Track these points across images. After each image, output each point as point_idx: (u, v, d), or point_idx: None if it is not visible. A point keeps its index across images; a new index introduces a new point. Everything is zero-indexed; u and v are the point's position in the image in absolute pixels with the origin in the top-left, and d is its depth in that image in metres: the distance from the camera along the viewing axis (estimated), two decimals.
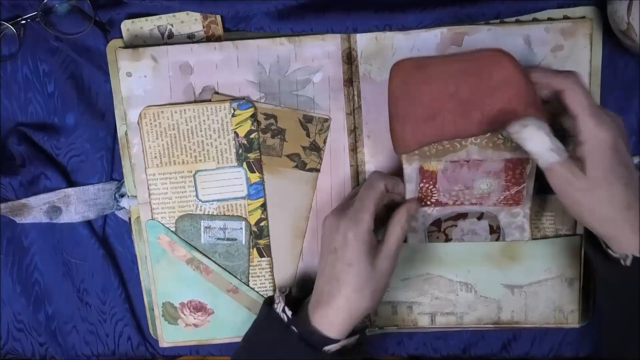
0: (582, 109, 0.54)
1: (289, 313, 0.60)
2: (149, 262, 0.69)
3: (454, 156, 0.60)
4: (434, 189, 0.62)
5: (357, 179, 0.67)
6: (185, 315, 0.70)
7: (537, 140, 0.54)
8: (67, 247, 0.72)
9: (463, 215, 0.63)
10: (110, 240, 0.72)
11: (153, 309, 0.70)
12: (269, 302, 0.63)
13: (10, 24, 0.65)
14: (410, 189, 0.62)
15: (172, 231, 0.67)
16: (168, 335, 0.71)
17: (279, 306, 0.61)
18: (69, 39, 0.66)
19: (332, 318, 0.58)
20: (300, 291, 0.69)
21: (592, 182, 0.53)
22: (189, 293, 0.69)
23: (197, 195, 0.67)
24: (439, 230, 0.64)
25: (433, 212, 0.63)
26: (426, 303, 0.69)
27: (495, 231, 0.64)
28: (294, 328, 0.59)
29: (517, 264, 0.68)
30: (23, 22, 0.65)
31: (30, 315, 0.73)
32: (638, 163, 0.66)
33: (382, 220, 0.61)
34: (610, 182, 0.53)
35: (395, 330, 0.71)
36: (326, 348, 0.58)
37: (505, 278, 0.68)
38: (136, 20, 0.65)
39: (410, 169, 0.61)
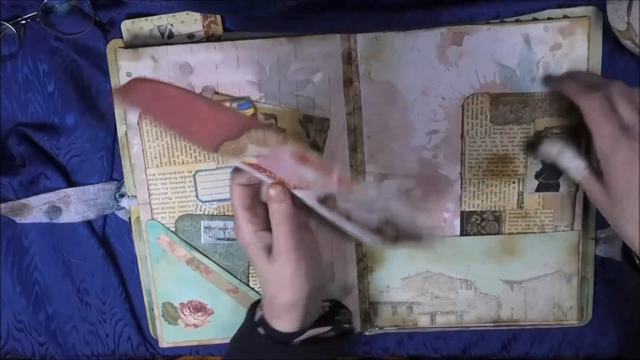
0: (596, 131, 0.55)
1: (259, 314, 0.60)
2: (149, 262, 0.69)
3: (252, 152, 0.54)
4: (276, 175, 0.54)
5: (357, 179, 0.67)
6: (185, 315, 0.70)
7: (557, 160, 0.60)
8: (67, 247, 0.72)
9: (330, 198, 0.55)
10: (110, 240, 0.72)
11: (153, 309, 0.70)
12: (256, 303, 0.63)
13: (10, 24, 0.65)
14: (261, 177, 0.54)
15: (172, 231, 0.67)
16: (168, 336, 0.71)
17: (259, 305, 0.61)
18: (69, 39, 0.66)
19: (270, 313, 0.58)
20: None
21: (613, 198, 0.55)
22: (189, 293, 0.69)
23: (197, 196, 0.67)
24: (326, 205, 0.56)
25: (301, 194, 0.54)
26: (426, 303, 0.69)
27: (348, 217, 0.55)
28: (260, 329, 0.59)
29: (516, 259, 0.68)
30: (23, 22, 0.65)
31: (30, 315, 0.73)
32: None
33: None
34: (630, 198, 0.54)
35: (395, 330, 0.71)
36: (294, 341, 0.58)
37: (505, 274, 0.68)
38: (136, 20, 0.65)
39: (239, 165, 0.55)
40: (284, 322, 0.58)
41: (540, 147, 0.62)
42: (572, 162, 0.60)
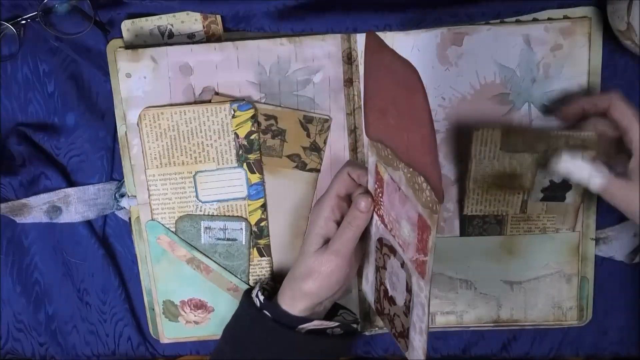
0: (630, 121, 0.56)
1: (261, 298, 0.62)
2: (149, 262, 0.69)
3: (393, 173, 0.53)
4: (381, 200, 0.56)
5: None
6: (185, 312, 0.70)
7: (576, 169, 0.58)
8: (67, 247, 0.72)
9: (394, 252, 0.56)
10: (110, 240, 0.72)
11: (153, 309, 0.70)
12: (249, 291, 0.66)
13: (10, 24, 0.65)
14: (370, 184, 0.58)
15: (172, 231, 0.67)
16: (169, 332, 0.71)
17: (254, 292, 0.64)
18: (69, 39, 0.66)
19: (286, 293, 0.61)
20: None
21: None
22: (189, 291, 0.69)
23: (197, 196, 0.67)
24: (380, 251, 0.58)
25: (380, 226, 0.57)
26: None
27: (409, 291, 0.55)
28: (265, 312, 0.61)
29: (516, 259, 0.68)
30: (23, 22, 0.65)
31: (30, 315, 0.73)
32: None
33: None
34: None
35: None
36: (300, 327, 0.60)
37: (505, 274, 0.69)
38: (136, 20, 0.65)
39: (371, 161, 0.57)
40: (297, 303, 0.60)
41: (554, 161, 0.59)
42: (590, 170, 0.58)
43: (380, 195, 0.56)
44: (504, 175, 0.64)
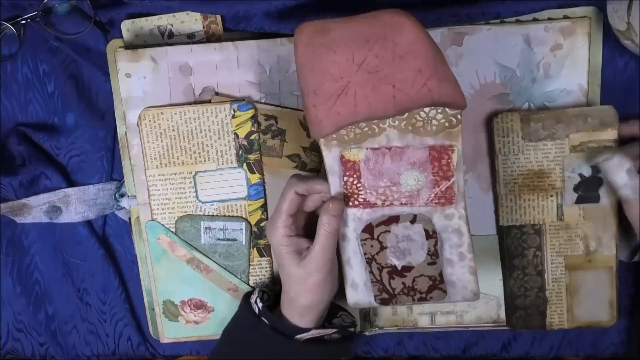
0: None
1: (260, 305, 0.62)
2: (149, 262, 0.69)
3: (373, 142, 0.53)
4: (359, 185, 0.55)
5: None
6: (185, 312, 0.70)
7: (615, 175, 0.60)
8: (67, 247, 0.72)
9: (395, 219, 0.56)
10: (110, 240, 0.72)
11: (153, 309, 0.70)
12: (248, 294, 0.66)
13: (10, 24, 0.65)
14: (335, 184, 0.56)
15: (172, 232, 0.67)
16: (168, 331, 0.71)
17: (254, 297, 0.64)
18: (69, 39, 0.66)
19: (288, 310, 0.61)
20: None
21: None
22: (189, 291, 0.69)
23: (197, 196, 0.67)
24: (371, 237, 0.57)
25: (363, 214, 0.56)
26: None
27: (432, 236, 0.56)
28: (264, 319, 0.62)
29: None
30: (23, 22, 0.65)
31: (30, 315, 0.73)
32: None
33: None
34: None
35: (395, 330, 0.71)
36: (298, 336, 0.60)
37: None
38: (136, 20, 0.65)
39: (330, 158, 0.55)
40: (303, 319, 0.60)
41: (602, 157, 0.61)
42: (626, 180, 0.60)
43: (356, 182, 0.55)
44: (532, 173, 0.64)
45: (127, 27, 0.65)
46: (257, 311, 0.63)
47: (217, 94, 0.65)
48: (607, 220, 0.65)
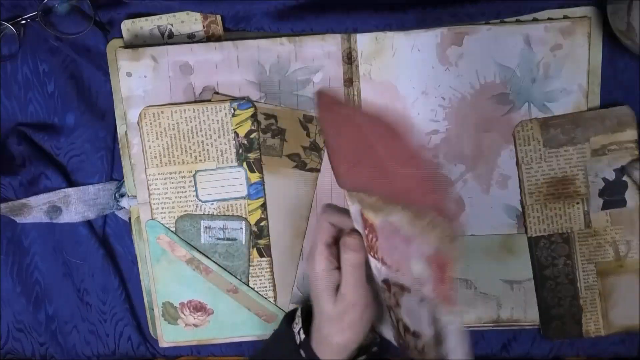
0: None
1: (302, 336, 0.60)
2: (149, 262, 0.69)
3: (387, 217, 0.50)
4: (377, 244, 0.52)
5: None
6: (185, 315, 0.70)
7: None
8: (67, 247, 0.72)
9: (407, 289, 0.52)
10: (110, 240, 0.72)
11: (153, 309, 0.70)
12: (290, 318, 0.63)
13: (10, 24, 0.65)
14: (359, 229, 0.54)
15: (172, 231, 0.67)
16: (168, 335, 0.71)
17: (297, 327, 0.61)
18: (69, 39, 0.66)
19: (320, 348, 0.59)
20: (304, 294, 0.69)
21: None
22: (188, 293, 0.69)
23: (197, 196, 0.67)
24: (389, 291, 0.54)
25: (382, 269, 0.53)
26: None
27: (436, 322, 0.50)
28: (302, 352, 0.59)
29: (516, 258, 0.68)
30: (23, 22, 0.65)
31: (30, 315, 0.73)
32: None
33: None
34: None
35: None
36: None
37: (505, 273, 0.68)
38: (136, 20, 0.65)
39: (353, 209, 0.54)
40: (327, 354, 0.58)
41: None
42: None
43: (374, 240, 0.52)
44: (556, 181, 0.65)
45: (127, 27, 0.65)
46: (298, 342, 0.60)
47: (217, 93, 0.65)
48: (635, 224, 0.66)
